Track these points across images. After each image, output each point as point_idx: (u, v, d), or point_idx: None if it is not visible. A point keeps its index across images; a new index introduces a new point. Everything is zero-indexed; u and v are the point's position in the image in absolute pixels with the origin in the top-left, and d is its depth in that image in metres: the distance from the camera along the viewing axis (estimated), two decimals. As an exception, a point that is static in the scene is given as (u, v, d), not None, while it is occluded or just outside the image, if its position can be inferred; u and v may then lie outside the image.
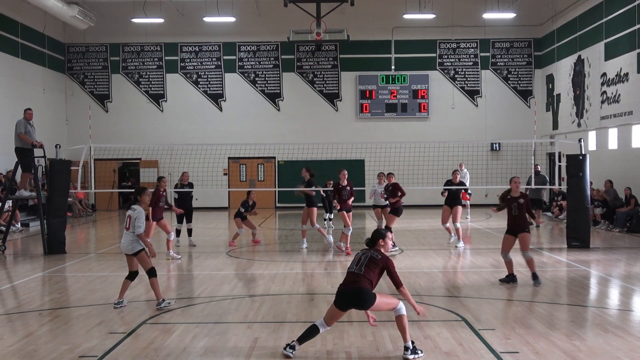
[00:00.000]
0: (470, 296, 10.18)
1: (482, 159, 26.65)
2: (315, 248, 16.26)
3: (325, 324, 7.18)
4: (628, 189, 19.91)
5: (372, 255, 7.18)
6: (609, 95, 23.12)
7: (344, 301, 7.05)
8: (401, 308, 7.07)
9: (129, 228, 9.45)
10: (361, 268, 7.10)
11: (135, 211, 9.52)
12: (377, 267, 7.09)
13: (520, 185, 11.37)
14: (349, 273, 7.19)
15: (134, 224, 9.42)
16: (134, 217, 9.46)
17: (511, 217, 11.20)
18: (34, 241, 18.11)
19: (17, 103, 23.68)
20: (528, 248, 11.08)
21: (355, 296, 7.00)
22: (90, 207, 28.46)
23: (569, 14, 26.75)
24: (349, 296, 7.02)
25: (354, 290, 7.01)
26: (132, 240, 9.47)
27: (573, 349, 7.27)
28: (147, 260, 9.52)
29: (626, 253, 14.95)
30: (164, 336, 7.96)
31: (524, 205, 11.07)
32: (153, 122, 30.31)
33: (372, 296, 7.00)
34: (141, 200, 9.72)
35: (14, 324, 8.78)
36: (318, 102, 30.35)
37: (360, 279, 7.02)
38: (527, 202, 11.17)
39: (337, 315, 7.17)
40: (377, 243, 7.32)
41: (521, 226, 11.09)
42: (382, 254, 7.22)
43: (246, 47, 30.39)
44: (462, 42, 30.29)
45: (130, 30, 29.87)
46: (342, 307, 7.09)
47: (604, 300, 10.41)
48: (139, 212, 9.53)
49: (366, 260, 7.15)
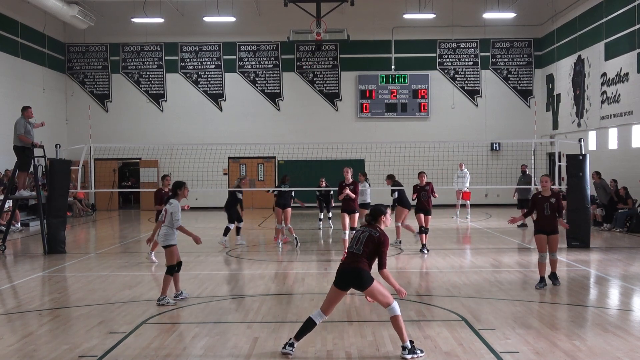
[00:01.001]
0: (470, 296, 10.18)
1: (482, 159, 26.65)
2: (316, 248, 16.26)
3: (323, 313, 7.15)
4: (623, 189, 19.90)
5: (371, 232, 7.19)
6: (609, 95, 23.13)
7: (343, 281, 7.10)
8: (395, 308, 7.05)
9: (165, 221, 9.81)
10: (360, 247, 7.13)
11: (172, 205, 9.81)
12: (374, 245, 7.11)
13: (550, 183, 10.93)
14: (349, 253, 7.23)
15: (170, 217, 9.74)
16: (170, 210, 9.77)
17: (544, 217, 10.73)
18: (34, 241, 18.11)
19: (17, 103, 23.63)
20: (556, 249, 10.83)
21: (354, 276, 7.04)
22: (90, 207, 28.47)
23: (569, 14, 26.75)
24: (349, 276, 7.08)
25: (352, 270, 7.06)
26: (165, 234, 9.79)
27: (573, 349, 7.28)
28: (173, 257, 9.83)
29: (626, 253, 14.95)
30: (164, 336, 7.96)
31: (555, 205, 10.70)
32: (153, 122, 30.31)
33: (369, 278, 7.03)
34: (180, 194, 9.96)
35: (14, 324, 8.78)
36: (318, 102, 30.35)
37: (359, 259, 7.07)
38: (559, 201, 10.79)
39: (337, 296, 7.16)
40: (379, 219, 7.31)
41: (553, 227, 10.72)
42: (381, 232, 7.22)
43: (246, 47, 30.39)
44: (462, 42, 30.29)
45: (130, 30, 29.87)
46: (341, 286, 7.11)
47: (604, 300, 10.41)
48: (176, 205, 9.81)
49: (364, 239, 7.17)
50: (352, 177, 14.11)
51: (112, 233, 21.41)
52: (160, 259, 13.24)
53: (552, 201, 10.70)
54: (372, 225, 7.31)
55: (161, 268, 13.18)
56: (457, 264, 13.59)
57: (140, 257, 14.92)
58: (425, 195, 15.03)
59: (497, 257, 14.40)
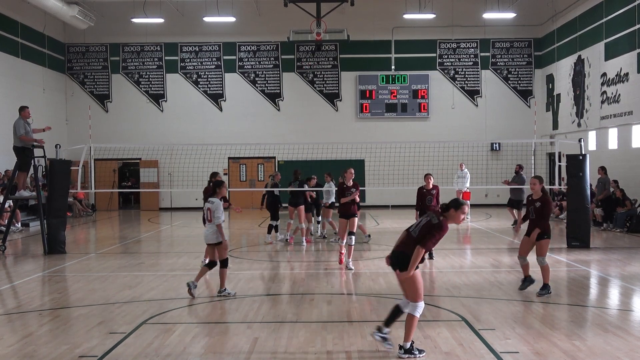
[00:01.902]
0: (470, 296, 10.17)
1: (482, 159, 26.65)
2: (316, 248, 16.26)
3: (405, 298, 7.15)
4: (620, 191, 19.89)
5: (431, 218, 7.03)
6: (609, 95, 23.13)
7: (392, 261, 7.10)
8: (418, 308, 7.00)
9: (211, 220, 10.21)
10: (416, 230, 7.03)
11: (213, 203, 10.23)
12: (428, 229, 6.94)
13: (538, 186, 10.30)
14: (405, 231, 7.19)
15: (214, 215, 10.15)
16: (213, 209, 10.19)
17: (529, 220, 10.36)
18: (34, 241, 18.11)
19: (17, 103, 23.52)
20: (544, 254, 10.25)
21: (397, 257, 7.03)
22: (90, 207, 28.47)
23: (569, 14, 26.75)
24: (393, 257, 7.08)
25: (399, 253, 7.03)
26: (215, 231, 10.25)
27: (573, 349, 7.27)
28: (225, 252, 10.38)
29: (626, 253, 14.95)
30: (164, 336, 7.95)
31: (539, 209, 10.12)
32: (153, 122, 30.31)
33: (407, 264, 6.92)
34: (219, 193, 10.37)
35: (14, 324, 8.78)
36: (318, 102, 30.35)
37: (409, 242, 6.98)
38: (544, 206, 10.15)
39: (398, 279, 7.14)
40: (449, 210, 7.09)
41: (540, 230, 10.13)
42: (442, 222, 6.97)
43: (246, 47, 30.39)
44: (462, 42, 30.30)
45: (130, 30, 29.87)
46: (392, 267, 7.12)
47: (604, 300, 10.41)
48: (217, 204, 10.24)
49: (424, 222, 7.04)
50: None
51: (112, 233, 21.41)
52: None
53: (536, 205, 10.18)
54: (439, 213, 7.11)
55: (162, 268, 13.19)
56: (457, 264, 13.59)
57: (141, 257, 14.93)
58: (431, 199, 14.08)
59: (497, 257, 14.40)
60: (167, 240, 19.39)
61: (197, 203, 29.32)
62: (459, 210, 7.05)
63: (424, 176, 14.38)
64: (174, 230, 22.07)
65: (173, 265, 13.60)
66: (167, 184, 29.49)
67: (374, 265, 13.27)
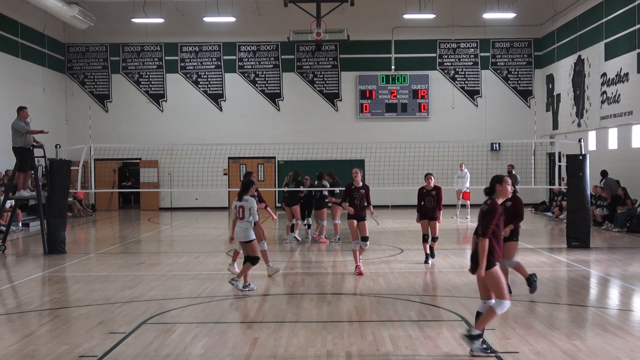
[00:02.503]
0: (470, 296, 10.17)
1: (482, 159, 26.64)
2: (316, 248, 16.26)
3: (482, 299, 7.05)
4: (622, 190, 19.90)
5: (482, 207, 6.92)
6: (609, 95, 23.12)
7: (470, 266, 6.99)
8: (503, 306, 6.90)
9: (244, 218, 10.51)
10: (477, 229, 6.90)
11: (248, 201, 10.55)
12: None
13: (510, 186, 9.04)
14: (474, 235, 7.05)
15: (249, 213, 10.49)
16: (247, 207, 10.51)
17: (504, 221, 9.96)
18: (34, 241, 18.11)
19: (17, 103, 23.53)
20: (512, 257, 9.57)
21: (471, 260, 6.95)
22: (90, 207, 28.46)
23: (569, 14, 26.75)
24: (470, 261, 6.99)
25: (471, 256, 6.96)
26: (246, 229, 10.54)
27: (573, 349, 7.27)
28: (256, 250, 10.65)
29: (626, 253, 14.95)
30: (164, 336, 7.95)
31: (511, 209, 9.29)
32: (153, 122, 30.30)
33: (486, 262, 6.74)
34: (251, 191, 10.72)
35: (14, 324, 8.78)
36: (318, 102, 30.35)
37: (476, 241, 6.87)
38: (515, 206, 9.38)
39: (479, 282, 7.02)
40: (495, 189, 6.98)
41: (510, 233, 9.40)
42: (491, 203, 6.83)
43: (246, 47, 30.39)
44: (462, 42, 30.29)
45: (130, 30, 29.87)
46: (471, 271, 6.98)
47: (604, 300, 10.41)
48: (252, 201, 10.59)
49: (479, 216, 6.93)
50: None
51: (112, 233, 21.41)
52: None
53: (507, 205, 9.18)
54: (488, 199, 7.01)
55: (162, 268, 13.19)
56: (457, 264, 13.58)
57: (141, 257, 14.94)
58: (432, 201, 13.30)
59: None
60: (167, 240, 19.39)
61: (197, 203, 29.38)
62: (504, 182, 7.02)
63: (425, 176, 13.88)
64: (174, 230, 22.06)
65: (173, 265, 13.60)
66: (167, 184, 29.51)
67: (374, 266, 13.27)
